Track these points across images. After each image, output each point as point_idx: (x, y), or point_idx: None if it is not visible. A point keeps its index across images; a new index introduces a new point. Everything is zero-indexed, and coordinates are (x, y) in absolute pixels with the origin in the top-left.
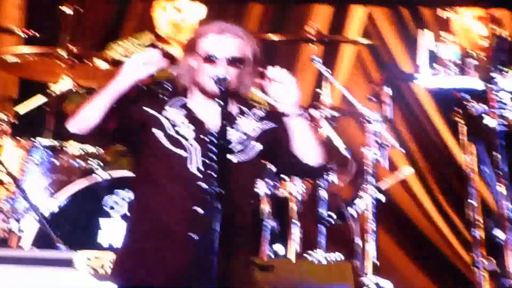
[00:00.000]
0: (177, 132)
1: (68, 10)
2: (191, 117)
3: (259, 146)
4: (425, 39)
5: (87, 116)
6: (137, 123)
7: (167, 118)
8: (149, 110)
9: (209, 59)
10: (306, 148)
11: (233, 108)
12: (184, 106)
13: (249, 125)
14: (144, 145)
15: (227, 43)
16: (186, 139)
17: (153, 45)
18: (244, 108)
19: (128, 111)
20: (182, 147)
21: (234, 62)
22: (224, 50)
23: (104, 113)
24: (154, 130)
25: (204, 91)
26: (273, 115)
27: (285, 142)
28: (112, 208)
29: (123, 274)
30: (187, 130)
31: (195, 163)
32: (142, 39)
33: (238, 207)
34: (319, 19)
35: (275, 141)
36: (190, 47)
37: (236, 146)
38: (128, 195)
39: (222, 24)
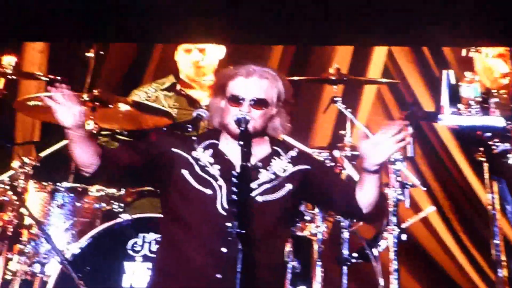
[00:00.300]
0: (205, 172)
1: (90, 55)
2: (219, 157)
3: (289, 186)
4: (447, 78)
5: (80, 162)
6: (166, 163)
7: (195, 159)
8: (178, 151)
9: (234, 100)
10: (367, 199)
11: (264, 148)
12: (213, 147)
13: (279, 165)
14: (172, 185)
15: (253, 85)
16: (215, 179)
17: (175, 89)
18: (277, 149)
19: (158, 151)
20: (209, 186)
21: (257, 103)
22: (249, 92)
23: (87, 154)
24: (182, 170)
25: (229, 132)
26: (306, 156)
27: (322, 182)
28: (133, 249)
29: None
30: (215, 170)
31: (222, 203)
32: (165, 84)
33: (264, 246)
34: (340, 58)
35: (310, 181)
36: (219, 89)
37: (264, 185)
38: (150, 236)
39: (250, 67)
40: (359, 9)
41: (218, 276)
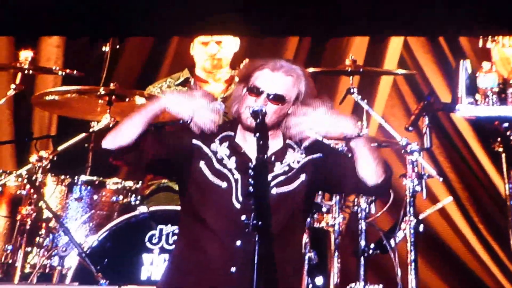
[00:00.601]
0: (222, 165)
1: (106, 49)
2: (235, 150)
3: (303, 177)
4: (464, 68)
5: (124, 133)
6: (187, 155)
7: (213, 152)
8: (198, 142)
9: (253, 91)
10: (366, 169)
11: (278, 142)
12: (229, 139)
13: (293, 158)
14: (190, 177)
15: (276, 80)
16: (231, 172)
17: (189, 84)
18: (290, 142)
19: (180, 142)
20: (225, 179)
21: (275, 99)
22: (270, 86)
23: (139, 131)
24: (200, 163)
25: (242, 122)
26: (318, 144)
27: (334, 167)
28: (151, 242)
29: None
30: (231, 163)
31: (237, 196)
32: (179, 79)
33: (280, 239)
34: (356, 49)
35: (321, 168)
36: (245, 77)
37: (278, 178)
38: (167, 229)
39: (278, 62)
40: None
41: (233, 269)
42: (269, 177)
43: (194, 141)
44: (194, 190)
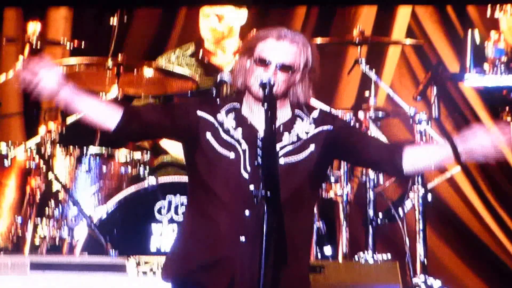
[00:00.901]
0: (229, 136)
1: (114, 21)
2: (242, 121)
3: (312, 147)
4: (472, 38)
5: (101, 118)
6: (192, 126)
7: (220, 122)
8: (203, 113)
9: (260, 62)
10: (419, 166)
11: (286, 112)
12: (236, 110)
13: (302, 128)
14: (197, 148)
15: (282, 49)
16: (238, 143)
17: (197, 56)
18: (298, 112)
19: (184, 112)
20: (233, 150)
21: (283, 68)
22: (277, 56)
23: (101, 105)
24: (207, 134)
25: (251, 94)
26: (328, 116)
27: (348, 141)
28: (160, 213)
29: (173, 277)
30: (238, 134)
31: (245, 167)
32: (188, 51)
33: (289, 209)
34: (363, 20)
35: (333, 141)
36: (248, 49)
37: (287, 147)
38: (176, 199)
39: (282, 30)
40: None
41: (242, 239)
42: (277, 147)
43: (199, 112)
44: (201, 162)
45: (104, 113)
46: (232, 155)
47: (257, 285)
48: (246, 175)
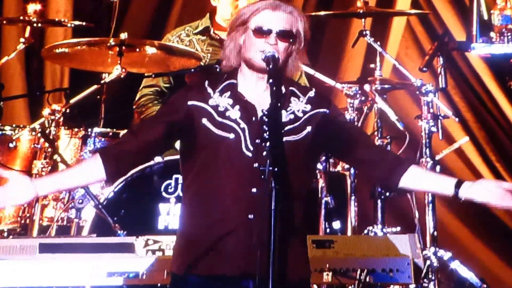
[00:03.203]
0: (225, 117)
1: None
2: (239, 99)
3: (309, 128)
4: (478, 6)
5: (89, 183)
6: (187, 117)
7: (213, 106)
8: (194, 102)
9: (260, 32)
10: (414, 187)
11: (282, 89)
12: (231, 88)
13: (298, 107)
14: (195, 136)
15: (280, 17)
16: (236, 123)
17: (208, 33)
18: (293, 89)
19: (175, 108)
20: (232, 131)
21: (284, 35)
22: (276, 24)
23: (83, 180)
24: (202, 120)
25: (253, 67)
26: (324, 98)
27: (341, 131)
28: (167, 191)
29: (184, 262)
30: (236, 113)
31: (247, 145)
32: (198, 28)
33: (292, 186)
34: None
35: (329, 126)
36: (240, 24)
37: (286, 126)
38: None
39: (275, 1)
40: None
41: (250, 216)
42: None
43: (190, 102)
44: (201, 147)
45: (83, 176)
46: (231, 135)
47: (266, 260)
48: (249, 154)
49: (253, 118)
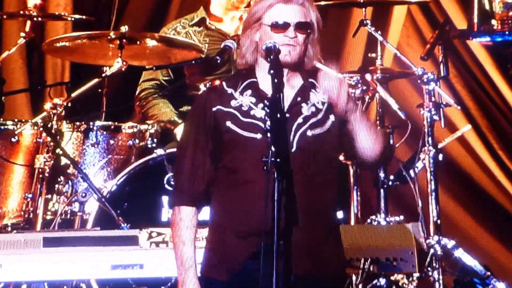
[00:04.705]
0: (250, 117)
1: None
2: (262, 97)
3: (332, 118)
4: None
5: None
6: (214, 126)
7: (236, 108)
8: (217, 107)
9: (278, 27)
10: (364, 144)
11: (299, 80)
12: (252, 86)
13: (317, 98)
14: (222, 141)
15: (294, 10)
16: (262, 121)
17: (204, 24)
18: (311, 80)
19: (209, 121)
20: (258, 130)
21: (302, 27)
22: (292, 17)
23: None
24: (227, 123)
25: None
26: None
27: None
28: (170, 184)
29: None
30: (260, 112)
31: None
32: (194, 20)
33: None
34: None
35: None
36: (255, 21)
37: (310, 120)
38: None
39: None
40: None
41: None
42: (300, 119)
43: (214, 108)
44: (229, 150)
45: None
46: (258, 136)
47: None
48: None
49: (279, 115)
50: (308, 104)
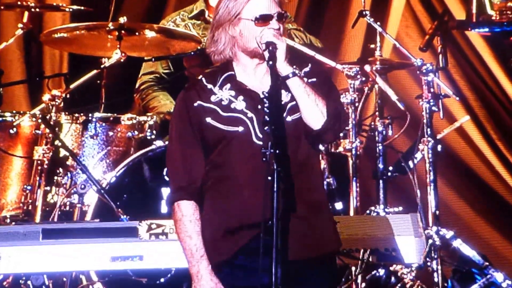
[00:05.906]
0: (231, 111)
1: None
2: (242, 89)
3: None
4: None
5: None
6: (198, 121)
7: (215, 103)
8: (198, 102)
9: (263, 19)
10: (307, 112)
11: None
12: (231, 80)
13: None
14: (205, 137)
15: (270, 2)
16: (243, 113)
17: (204, 17)
18: (294, 68)
19: (195, 120)
20: (240, 123)
21: (281, 17)
22: (272, 8)
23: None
24: (207, 119)
25: (255, 55)
26: (317, 70)
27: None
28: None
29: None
30: (241, 103)
31: (256, 134)
32: (193, 12)
33: (305, 166)
34: None
35: None
36: (232, 17)
37: (290, 104)
38: None
39: None
40: None
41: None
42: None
43: (195, 104)
44: (212, 146)
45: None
46: (240, 128)
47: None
48: (259, 142)
49: (259, 106)
50: (286, 92)
